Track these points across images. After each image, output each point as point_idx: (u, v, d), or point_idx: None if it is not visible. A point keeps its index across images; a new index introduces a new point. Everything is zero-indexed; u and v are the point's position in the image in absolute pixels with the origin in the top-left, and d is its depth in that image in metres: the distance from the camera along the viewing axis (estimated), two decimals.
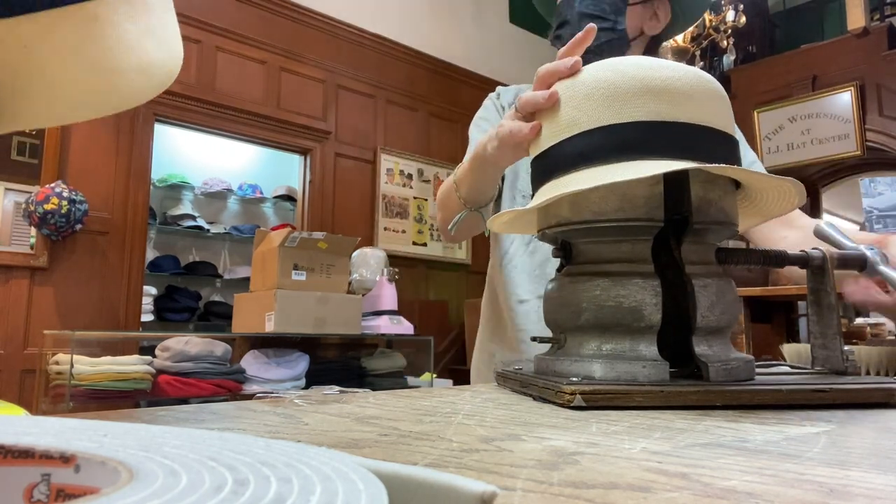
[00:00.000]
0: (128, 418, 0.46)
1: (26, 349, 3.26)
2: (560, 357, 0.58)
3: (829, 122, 5.57)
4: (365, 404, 0.51)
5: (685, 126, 0.54)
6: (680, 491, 0.24)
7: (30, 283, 3.31)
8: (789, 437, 0.36)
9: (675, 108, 0.54)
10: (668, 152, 0.53)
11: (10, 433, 0.20)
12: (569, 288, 0.58)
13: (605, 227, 0.56)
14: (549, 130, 0.60)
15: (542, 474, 0.27)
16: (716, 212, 0.55)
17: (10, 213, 3.27)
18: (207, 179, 4.68)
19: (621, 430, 0.39)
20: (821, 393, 0.50)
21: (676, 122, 0.54)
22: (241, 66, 4.16)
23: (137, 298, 3.66)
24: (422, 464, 0.29)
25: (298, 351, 3.16)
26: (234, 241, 4.77)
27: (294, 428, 0.40)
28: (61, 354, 2.67)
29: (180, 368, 2.75)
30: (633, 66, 0.56)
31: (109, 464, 0.17)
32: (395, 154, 4.89)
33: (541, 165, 0.61)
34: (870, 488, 0.25)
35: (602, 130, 0.55)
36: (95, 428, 0.22)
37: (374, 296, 3.40)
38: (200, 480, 0.15)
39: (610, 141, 0.55)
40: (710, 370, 0.52)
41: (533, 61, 6.30)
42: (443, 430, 0.38)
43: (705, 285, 0.55)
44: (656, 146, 0.53)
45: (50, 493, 0.18)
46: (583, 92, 0.57)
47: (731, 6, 4.78)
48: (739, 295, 2.77)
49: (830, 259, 0.61)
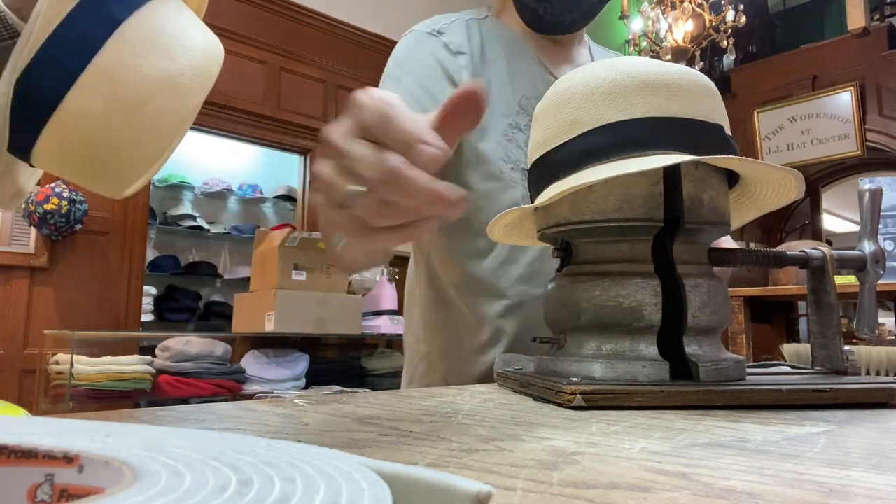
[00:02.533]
0: (129, 418, 0.47)
1: (26, 349, 3.25)
2: (560, 357, 0.58)
3: (829, 122, 5.57)
4: (365, 404, 0.51)
5: (687, 121, 0.55)
6: (680, 491, 0.25)
7: (30, 283, 3.31)
8: (789, 437, 0.37)
9: (676, 104, 0.55)
10: (672, 147, 0.53)
11: (12, 433, 0.20)
12: (569, 288, 0.58)
13: (604, 227, 0.56)
14: (549, 133, 0.60)
15: (542, 474, 0.27)
16: (707, 212, 0.56)
17: (10, 213, 3.27)
18: (207, 179, 4.67)
19: (621, 430, 0.39)
20: (821, 393, 0.50)
21: (678, 117, 0.54)
22: (241, 66, 4.16)
23: (137, 298, 3.66)
24: (422, 464, 0.29)
25: (298, 351, 3.17)
26: (234, 241, 4.77)
27: (294, 428, 0.40)
28: (61, 354, 2.67)
29: (180, 368, 2.75)
30: (631, 64, 0.57)
31: (113, 464, 0.17)
32: None
33: (542, 169, 0.60)
34: (870, 488, 0.25)
35: (605, 128, 0.55)
36: (97, 428, 0.22)
37: (374, 296, 3.40)
38: (204, 480, 0.15)
39: (614, 138, 0.54)
40: (701, 370, 0.52)
41: None
42: (443, 430, 0.38)
43: (696, 285, 0.55)
44: (661, 141, 0.53)
45: (53, 493, 0.18)
46: (582, 92, 0.57)
47: (731, 6, 4.78)
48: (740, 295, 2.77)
49: (830, 259, 0.61)
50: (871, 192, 0.64)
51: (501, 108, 0.91)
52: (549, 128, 0.60)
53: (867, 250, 0.62)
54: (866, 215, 0.63)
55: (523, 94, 0.93)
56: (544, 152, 0.60)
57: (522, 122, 0.91)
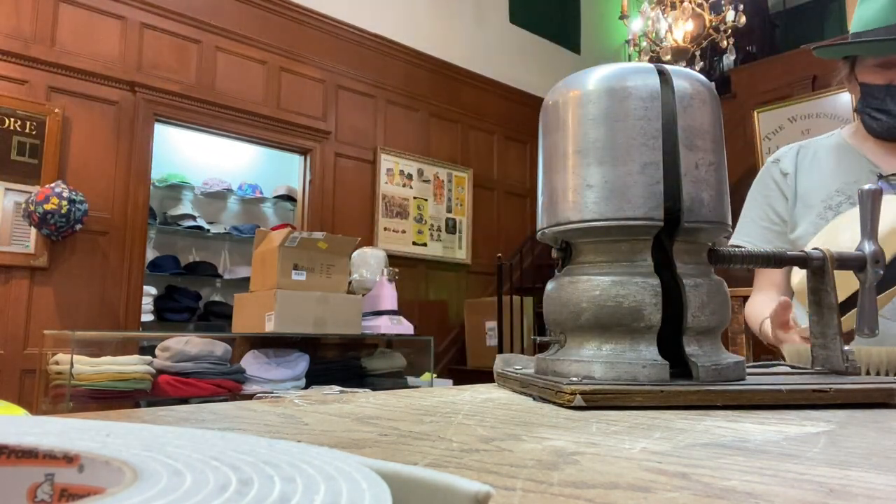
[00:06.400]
0: (129, 418, 0.47)
1: (26, 349, 3.26)
2: (560, 357, 0.58)
3: (829, 122, 5.56)
4: (365, 404, 0.51)
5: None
6: (680, 491, 0.25)
7: (30, 283, 3.31)
8: (789, 437, 0.37)
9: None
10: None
11: (12, 433, 0.20)
12: (569, 288, 0.58)
13: (604, 227, 0.56)
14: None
15: (542, 474, 0.27)
16: (707, 212, 0.56)
17: (10, 213, 3.27)
18: (207, 179, 4.68)
19: (621, 430, 0.39)
20: (821, 393, 0.50)
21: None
22: (241, 66, 4.16)
23: (137, 298, 3.66)
24: (422, 464, 0.29)
25: (298, 351, 3.16)
26: (234, 241, 4.77)
27: (294, 428, 0.40)
28: (61, 354, 2.67)
29: (180, 368, 2.75)
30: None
31: (113, 464, 0.17)
32: (395, 154, 4.89)
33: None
34: (870, 488, 0.25)
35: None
36: (98, 428, 0.22)
37: (374, 296, 3.40)
38: (205, 480, 0.15)
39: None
40: (700, 370, 0.52)
41: (533, 61, 6.30)
42: (443, 430, 0.38)
43: (696, 285, 0.55)
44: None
45: (53, 492, 0.18)
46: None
47: (731, 6, 4.78)
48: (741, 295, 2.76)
49: (830, 259, 0.61)
50: (871, 193, 0.64)
51: (820, 194, 1.22)
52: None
53: (867, 250, 0.62)
54: (866, 215, 0.63)
55: (843, 180, 1.20)
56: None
57: (835, 201, 1.19)
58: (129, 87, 3.68)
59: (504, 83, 5.63)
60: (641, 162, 0.55)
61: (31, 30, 3.42)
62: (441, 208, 5.14)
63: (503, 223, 5.54)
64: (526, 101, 5.66)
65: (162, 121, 3.85)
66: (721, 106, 0.61)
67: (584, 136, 0.57)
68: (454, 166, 5.26)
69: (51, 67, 3.45)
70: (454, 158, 5.29)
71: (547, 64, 5.93)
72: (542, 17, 6.09)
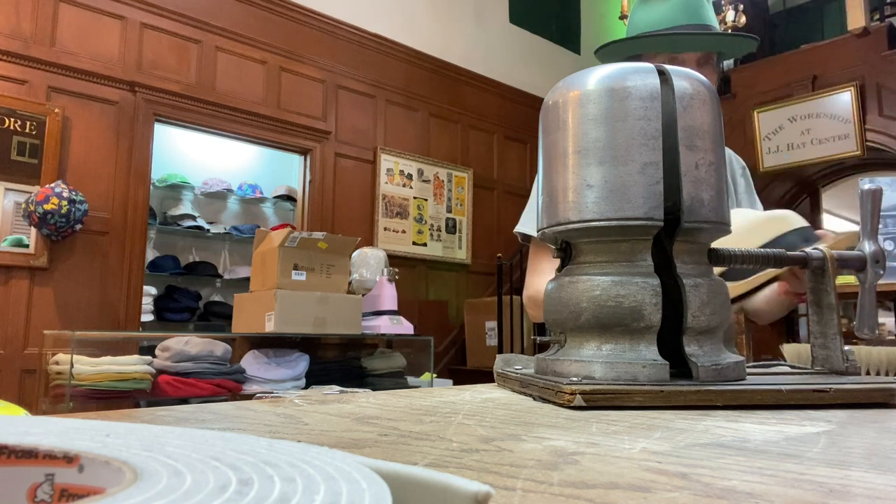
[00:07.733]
0: (129, 418, 0.47)
1: (26, 349, 3.26)
2: (560, 357, 0.58)
3: (829, 122, 5.56)
4: (365, 404, 0.51)
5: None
6: (680, 491, 0.25)
7: (30, 283, 3.31)
8: (789, 437, 0.37)
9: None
10: None
11: (12, 433, 0.20)
12: (569, 288, 0.58)
13: (604, 227, 0.56)
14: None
15: (542, 474, 0.27)
16: (707, 212, 0.56)
17: (10, 213, 3.27)
18: (207, 179, 4.68)
19: (621, 430, 0.39)
20: (821, 393, 0.50)
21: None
22: (241, 66, 4.16)
23: (137, 298, 3.66)
24: (421, 464, 0.29)
25: (298, 351, 3.16)
26: (234, 241, 4.77)
27: (294, 428, 0.40)
28: (61, 354, 2.67)
29: (180, 368, 2.75)
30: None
31: (113, 464, 0.17)
32: (395, 154, 4.89)
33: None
34: (870, 488, 0.25)
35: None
36: (98, 428, 0.22)
37: (374, 296, 3.40)
38: (205, 480, 0.15)
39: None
40: (700, 370, 0.52)
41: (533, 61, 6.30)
42: (443, 430, 0.38)
43: (696, 285, 0.55)
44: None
45: (54, 492, 0.18)
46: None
47: (731, 6, 4.78)
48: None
49: (830, 259, 0.61)
50: (871, 192, 0.64)
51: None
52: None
53: (867, 250, 0.62)
54: (866, 215, 0.63)
55: None
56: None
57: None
58: (129, 87, 3.68)
59: (504, 83, 5.63)
60: (641, 162, 0.55)
61: (31, 30, 3.42)
62: (441, 208, 5.14)
63: (503, 223, 5.53)
64: (526, 101, 5.66)
65: (162, 121, 3.85)
66: (721, 106, 0.61)
67: (584, 135, 0.57)
68: (454, 166, 5.26)
69: (51, 67, 3.45)
70: (454, 158, 5.29)
71: (547, 64, 5.93)
72: (543, 17, 6.09)
